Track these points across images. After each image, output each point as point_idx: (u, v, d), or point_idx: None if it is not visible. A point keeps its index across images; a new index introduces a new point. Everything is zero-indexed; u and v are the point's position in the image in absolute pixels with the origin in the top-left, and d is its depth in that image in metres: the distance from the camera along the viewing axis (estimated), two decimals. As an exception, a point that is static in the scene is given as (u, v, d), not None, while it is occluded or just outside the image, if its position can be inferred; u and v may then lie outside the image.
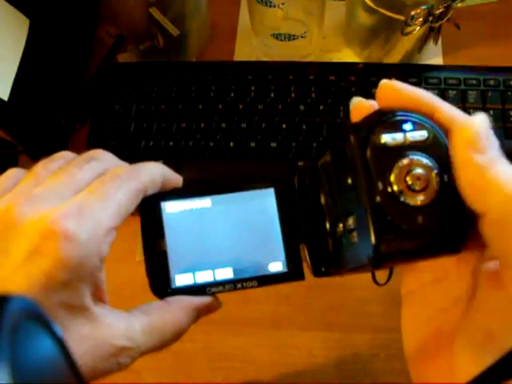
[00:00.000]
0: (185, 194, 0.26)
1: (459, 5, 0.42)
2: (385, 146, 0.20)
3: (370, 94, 0.46)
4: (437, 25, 0.44)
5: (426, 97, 0.21)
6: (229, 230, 0.26)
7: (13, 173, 0.24)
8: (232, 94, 0.47)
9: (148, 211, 0.26)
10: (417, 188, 0.19)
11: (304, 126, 0.46)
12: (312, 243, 0.26)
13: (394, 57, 0.49)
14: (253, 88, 0.47)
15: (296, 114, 0.46)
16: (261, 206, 0.26)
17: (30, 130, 0.44)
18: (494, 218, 0.18)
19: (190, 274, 0.25)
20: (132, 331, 0.22)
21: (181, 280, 0.25)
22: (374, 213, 0.19)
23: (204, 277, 0.26)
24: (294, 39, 0.49)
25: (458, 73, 0.47)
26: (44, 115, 0.46)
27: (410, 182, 0.19)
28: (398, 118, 0.20)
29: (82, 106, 0.50)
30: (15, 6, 0.41)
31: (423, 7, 0.42)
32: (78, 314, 0.21)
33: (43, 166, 0.24)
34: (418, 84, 0.47)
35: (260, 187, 0.27)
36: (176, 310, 0.24)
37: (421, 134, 0.20)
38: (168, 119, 0.47)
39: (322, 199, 0.25)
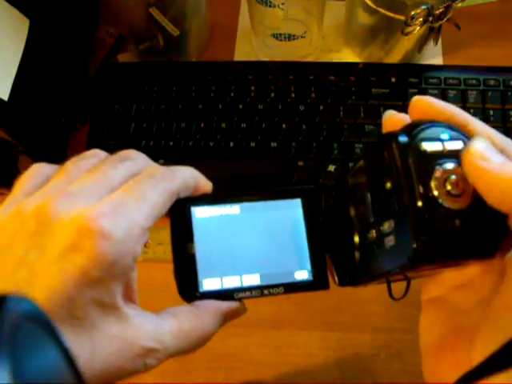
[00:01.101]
0: (214, 200, 0.27)
1: (459, 5, 0.42)
2: (425, 153, 0.21)
3: (370, 94, 0.46)
4: (437, 25, 0.44)
5: (458, 111, 0.22)
6: (256, 237, 0.26)
7: (39, 169, 0.24)
8: (232, 94, 0.47)
9: (178, 215, 0.26)
10: (455, 193, 0.20)
11: (304, 126, 0.46)
12: (337, 254, 0.27)
13: (394, 57, 0.49)
14: (253, 88, 0.47)
15: (296, 113, 0.46)
16: (288, 216, 0.27)
17: (30, 130, 0.44)
18: None
19: (218, 279, 0.26)
20: (161, 334, 0.22)
21: (209, 284, 0.26)
22: (416, 215, 0.20)
23: (231, 282, 0.26)
24: (294, 39, 0.49)
25: (458, 73, 0.47)
26: (44, 115, 0.46)
27: (448, 188, 0.20)
28: (436, 128, 0.21)
29: (82, 106, 0.50)
30: (15, 6, 0.41)
31: (423, 7, 0.42)
32: (108, 312, 0.21)
33: (74, 164, 0.24)
34: (418, 84, 0.47)
35: (288, 197, 0.27)
36: (205, 315, 0.24)
37: (457, 144, 0.21)
38: (168, 119, 0.47)
39: (352, 210, 0.25)
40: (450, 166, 0.21)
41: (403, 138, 0.21)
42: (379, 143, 0.22)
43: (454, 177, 0.20)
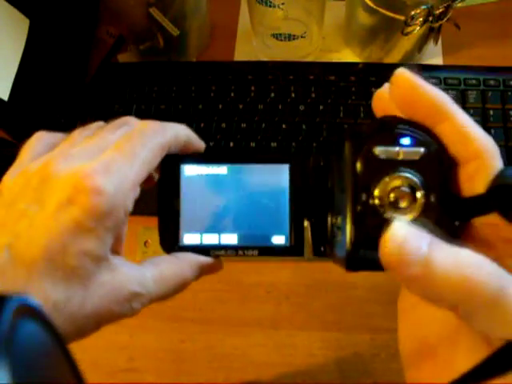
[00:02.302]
0: (204, 159, 0.27)
1: (459, 5, 0.42)
2: (377, 158, 0.20)
3: (369, 94, 0.46)
4: (437, 25, 0.44)
5: (440, 102, 0.20)
6: (240, 199, 0.27)
7: (43, 136, 0.26)
8: (232, 94, 0.47)
9: (167, 170, 0.27)
10: (400, 205, 0.19)
11: (304, 126, 0.46)
12: (316, 223, 0.27)
13: (394, 57, 0.49)
14: (253, 88, 0.47)
15: (296, 113, 0.46)
16: (274, 180, 0.27)
17: (30, 130, 0.44)
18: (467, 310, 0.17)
19: (198, 235, 0.27)
20: (145, 279, 0.24)
21: (189, 239, 0.27)
22: (354, 221, 0.20)
23: (210, 239, 0.27)
24: (294, 39, 0.49)
25: (458, 73, 0.47)
26: (44, 115, 0.46)
27: (392, 199, 0.19)
28: (398, 130, 0.20)
29: (82, 106, 0.50)
30: (15, 6, 0.41)
31: (423, 7, 0.42)
32: (99, 262, 0.22)
33: (78, 133, 0.26)
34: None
35: (276, 162, 0.27)
36: (183, 264, 0.26)
37: (416, 151, 0.20)
38: (168, 119, 0.46)
39: (329, 184, 0.25)
40: (400, 175, 0.19)
41: (357, 139, 0.20)
42: (341, 139, 0.21)
43: (402, 188, 0.19)
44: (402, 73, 0.21)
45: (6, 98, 0.39)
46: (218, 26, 0.54)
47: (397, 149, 0.20)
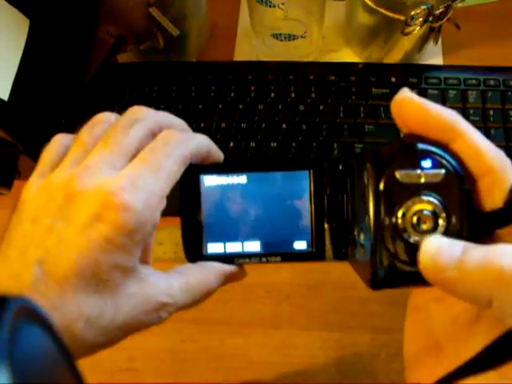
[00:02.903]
0: (223, 169, 0.28)
1: (459, 5, 0.42)
2: (399, 182, 0.20)
3: (369, 94, 0.46)
4: (437, 25, 0.44)
5: (450, 120, 0.20)
6: (261, 207, 0.28)
7: (59, 141, 0.26)
8: (232, 94, 0.47)
9: (188, 182, 0.27)
10: (422, 228, 0.20)
11: (304, 126, 0.46)
12: (336, 227, 0.28)
13: (394, 57, 0.49)
14: (253, 88, 0.47)
15: (296, 113, 0.46)
16: (294, 187, 0.28)
17: (30, 130, 0.44)
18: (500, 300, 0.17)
19: (221, 244, 0.28)
20: (171, 289, 0.25)
21: (212, 248, 0.28)
22: (377, 244, 0.20)
23: (233, 247, 0.28)
24: (294, 39, 0.49)
25: (458, 73, 0.47)
26: (44, 115, 0.46)
27: (415, 222, 0.20)
28: (418, 152, 0.20)
29: (82, 106, 0.50)
30: (15, 6, 0.41)
31: (423, 7, 0.42)
32: (128, 274, 0.23)
33: (88, 133, 0.25)
34: (417, 84, 0.47)
35: (296, 169, 0.28)
36: (208, 273, 0.26)
37: (437, 173, 0.20)
38: (168, 119, 0.47)
39: (349, 192, 0.26)
40: (422, 199, 0.20)
41: (379, 162, 0.21)
42: (361, 158, 0.22)
43: (424, 212, 0.20)
44: (405, 97, 0.21)
45: (6, 98, 0.39)
46: (218, 26, 0.54)
47: (418, 172, 0.20)
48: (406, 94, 0.21)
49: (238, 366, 0.41)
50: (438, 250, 0.19)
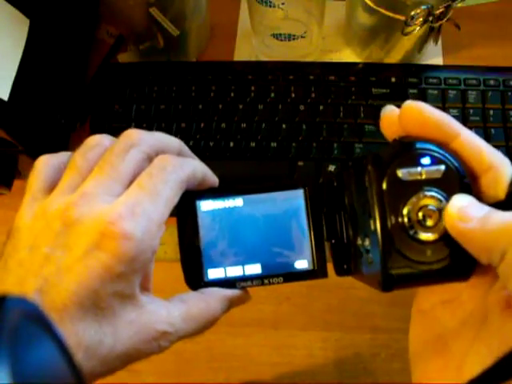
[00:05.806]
0: (219, 194, 0.28)
1: (459, 5, 0.42)
2: (401, 180, 0.21)
3: (369, 94, 0.46)
4: (437, 25, 0.44)
5: (448, 121, 0.21)
6: (259, 228, 0.28)
7: (47, 161, 0.25)
8: (232, 94, 0.47)
9: (184, 208, 0.27)
10: (428, 224, 0.20)
11: (304, 126, 0.46)
12: (336, 243, 0.27)
13: (394, 57, 0.49)
14: (253, 88, 0.47)
15: (296, 113, 0.46)
16: (290, 207, 0.28)
17: (30, 130, 0.44)
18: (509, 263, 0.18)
19: (222, 269, 0.27)
20: (172, 318, 0.24)
21: (213, 274, 0.27)
22: (385, 244, 0.20)
23: (234, 272, 0.27)
24: (294, 39, 0.49)
25: (458, 73, 0.47)
26: (44, 115, 0.46)
27: (421, 218, 0.20)
28: (417, 151, 0.21)
29: (82, 106, 0.50)
30: (15, 6, 0.41)
31: (423, 7, 0.42)
32: (127, 301, 0.23)
33: (82, 157, 0.25)
34: (418, 84, 0.47)
35: (290, 188, 0.28)
36: (211, 299, 0.26)
37: (437, 169, 0.21)
38: (168, 119, 0.47)
39: (347, 205, 0.25)
40: (425, 195, 0.20)
41: (380, 164, 0.21)
42: (359, 163, 0.22)
43: (429, 207, 0.20)
44: (409, 104, 0.22)
45: (6, 98, 0.39)
46: (218, 25, 0.54)
47: (419, 169, 0.21)
48: (408, 102, 0.22)
49: (238, 366, 0.41)
50: (469, 203, 0.20)
